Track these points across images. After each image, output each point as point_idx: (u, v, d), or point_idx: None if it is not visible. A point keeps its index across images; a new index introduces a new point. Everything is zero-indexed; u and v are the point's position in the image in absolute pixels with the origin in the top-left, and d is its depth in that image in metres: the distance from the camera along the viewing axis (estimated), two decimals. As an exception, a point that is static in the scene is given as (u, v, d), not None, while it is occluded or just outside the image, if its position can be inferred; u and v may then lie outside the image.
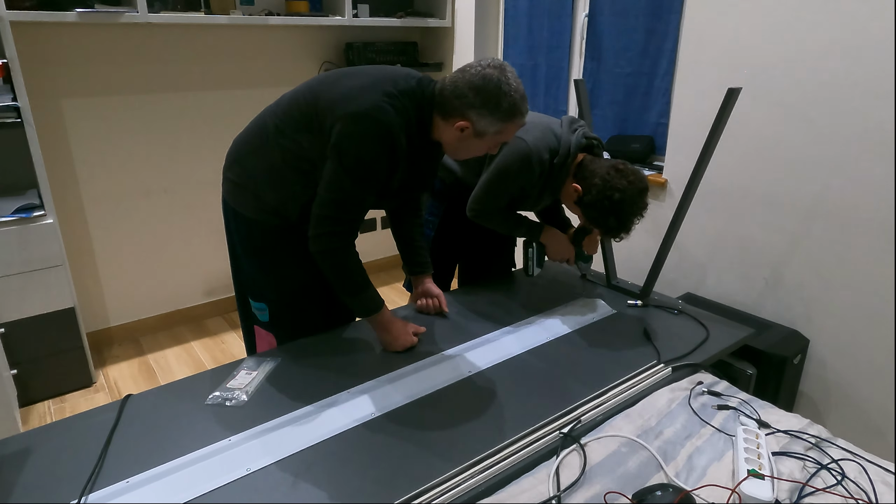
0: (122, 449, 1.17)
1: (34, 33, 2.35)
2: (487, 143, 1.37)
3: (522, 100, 1.32)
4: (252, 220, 1.51)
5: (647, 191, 1.58)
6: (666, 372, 1.46)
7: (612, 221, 1.57)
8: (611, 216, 1.56)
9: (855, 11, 1.75)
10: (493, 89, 1.28)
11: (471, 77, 1.30)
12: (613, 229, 1.58)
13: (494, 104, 1.29)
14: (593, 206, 1.58)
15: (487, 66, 1.30)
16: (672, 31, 2.28)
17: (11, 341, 2.28)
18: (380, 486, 1.08)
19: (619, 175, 1.56)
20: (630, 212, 1.55)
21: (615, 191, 1.54)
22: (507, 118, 1.31)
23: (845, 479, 1.11)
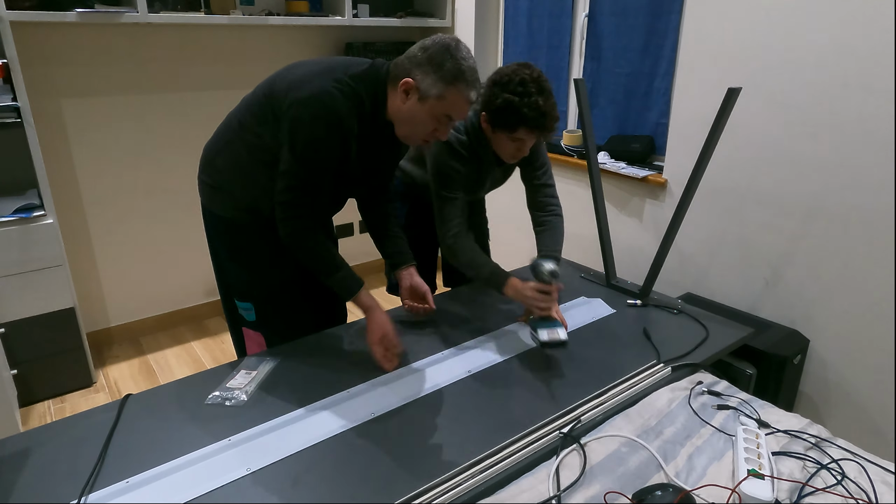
0: (122, 449, 1.17)
1: (34, 33, 2.35)
2: (430, 111, 1.31)
3: (470, 71, 1.29)
4: (230, 220, 1.51)
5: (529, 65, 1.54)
6: (666, 372, 1.46)
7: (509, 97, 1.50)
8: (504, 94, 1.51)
9: (855, 11, 1.75)
10: (439, 48, 1.28)
11: (423, 41, 1.31)
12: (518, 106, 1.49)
13: (438, 63, 1.27)
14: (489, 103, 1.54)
15: (443, 35, 1.32)
16: (672, 31, 2.28)
17: (11, 341, 2.28)
18: (380, 487, 1.08)
19: None
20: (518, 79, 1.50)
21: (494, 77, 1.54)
22: (449, 80, 1.27)
23: (845, 478, 1.11)
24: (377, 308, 1.47)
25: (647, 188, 2.48)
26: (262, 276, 1.56)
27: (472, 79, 1.31)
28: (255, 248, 1.54)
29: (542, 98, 1.50)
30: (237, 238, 1.54)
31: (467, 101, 1.32)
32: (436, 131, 1.36)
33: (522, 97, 1.49)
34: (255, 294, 1.58)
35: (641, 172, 2.44)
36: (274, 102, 1.33)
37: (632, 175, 2.46)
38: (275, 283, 1.57)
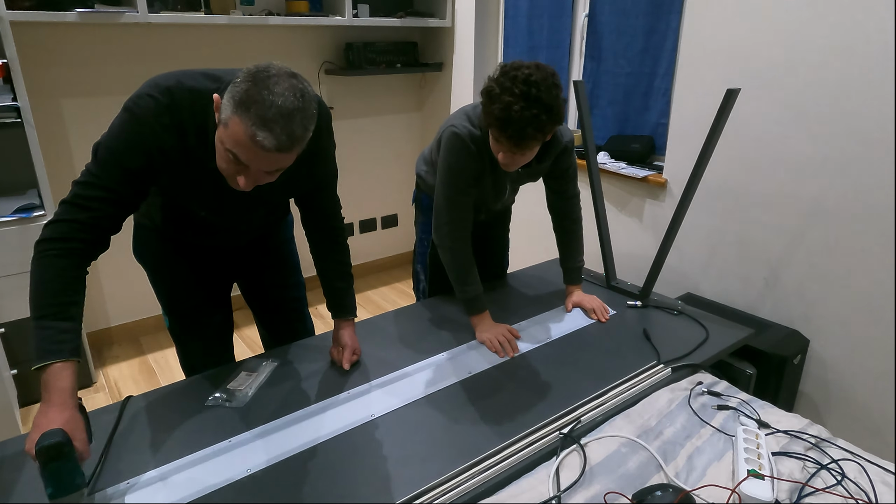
0: (123, 450, 1.17)
1: (34, 33, 2.35)
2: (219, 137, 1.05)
3: (272, 106, 0.98)
4: (138, 223, 1.46)
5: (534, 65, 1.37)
6: (666, 372, 1.46)
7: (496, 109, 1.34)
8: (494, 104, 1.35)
9: (855, 11, 1.75)
10: (252, 70, 1.03)
11: None
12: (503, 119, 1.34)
13: (238, 81, 1.01)
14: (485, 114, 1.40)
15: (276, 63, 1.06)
16: (672, 31, 2.28)
17: (11, 341, 2.28)
18: (380, 487, 1.08)
19: None
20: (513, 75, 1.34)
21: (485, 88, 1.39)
22: (237, 106, 0.99)
23: (845, 479, 1.11)
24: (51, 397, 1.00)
25: (647, 188, 2.48)
26: (161, 283, 1.50)
27: (269, 116, 0.99)
28: (155, 254, 1.47)
29: (522, 104, 1.31)
30: (140, 239, 1.47)
31: (251, 139, 0.99)
32: (237, 171, 1.07)
33: (502, 93, 1.33)
34: (162, 301, 1.52)
35: (641, 172, 2.44)
36: None
37: (632, 175, 2.46)
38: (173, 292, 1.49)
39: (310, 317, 1.74)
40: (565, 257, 1.86)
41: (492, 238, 2.02)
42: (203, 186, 1.23)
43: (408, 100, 3.58)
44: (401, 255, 3.89)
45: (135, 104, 1.11)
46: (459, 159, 1.54)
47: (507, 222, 2.08)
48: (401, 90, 3.53)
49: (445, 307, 1.82)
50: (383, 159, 3.60)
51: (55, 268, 1.07)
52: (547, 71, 1.37)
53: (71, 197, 1.12)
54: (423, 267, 1.97)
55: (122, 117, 1.12)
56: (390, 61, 3.23)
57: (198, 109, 1.12)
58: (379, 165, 3.59)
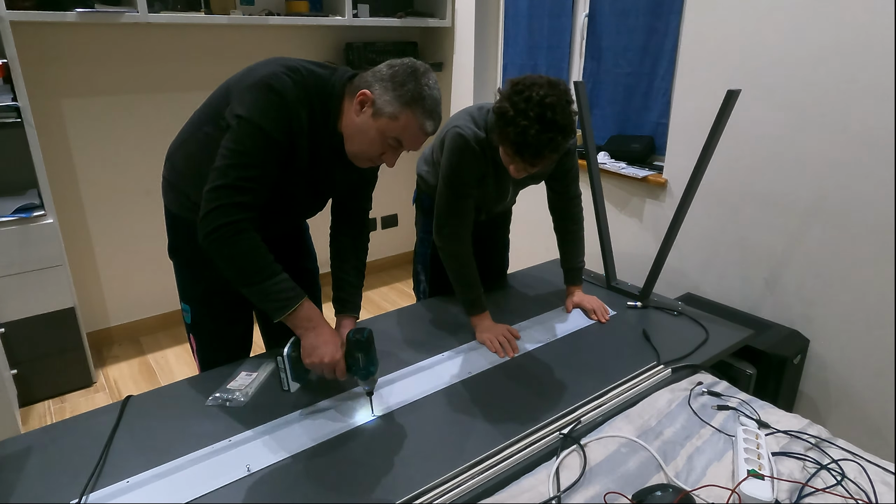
0: (123, 449, 1.17)
1: (34, 33, 2.35)
2: (381, 130, 1.22)
3: (431, 99, 1.21)
4: (178, 216, 1.45)
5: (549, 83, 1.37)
6: (666, 373, 1.46)
7: (511, 133, 1.35)
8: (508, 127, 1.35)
9: (855, 11, 1.75)
10: (406, 69, 1.21)
11: (392, 60, 1.25)
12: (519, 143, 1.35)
13: (400, 82, 1.20)
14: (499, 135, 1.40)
15: (416, 61, 1.25)
16: (672, 31, 2.28)
17: (11, 341, 2.28)
18: (380, 487, 1.08)
19: None
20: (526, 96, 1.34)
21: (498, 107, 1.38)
22: (406, 101, 1.19)
23: (845, 479, 1.11)
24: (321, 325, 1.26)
25: (647, 188, 2.48)
26: (196, 279, 1.49)
27: (431, 108, 1.22)
28: (195, 248, 1.41)
29: (537, 128, 1.32)
30: (181, 236, 1.47)
31: (421, 129, 1.22)
32: (384, 155, 1.27)
33: (517, 116, 1.33)
34: (190, 296, 1.51)
35: (641, 172, 2.44)
36: (226, 98, 1.27)
37: (632, 175, 2.46)
38: (209, 288, 1.48)
39: None
40: (566, 258, 1.86)
41: (492, 239, 2.02)
42: (308, 163, 1.30)
43: (408, 100, 3.57)
44: (401, 255, 3.88)
45: (275, 81, 1.19)
46: (463, 161, 1.55)
47: (508, 223, 2.08)
48: (401, 90, 3.52)
49: (446, 308, 1.82)
50: (383, 159, 3.59)
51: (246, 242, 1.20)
52: (560, 89, 1.37)
53: (232, 180, 1.18)
54: (424, 267, 1.96)
55: (264, 95, 1.18)
56: (390, 61, 3.23)
57: (320, 91, 1.25)
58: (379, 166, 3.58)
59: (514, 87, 1.38)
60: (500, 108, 1.38)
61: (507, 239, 2.11)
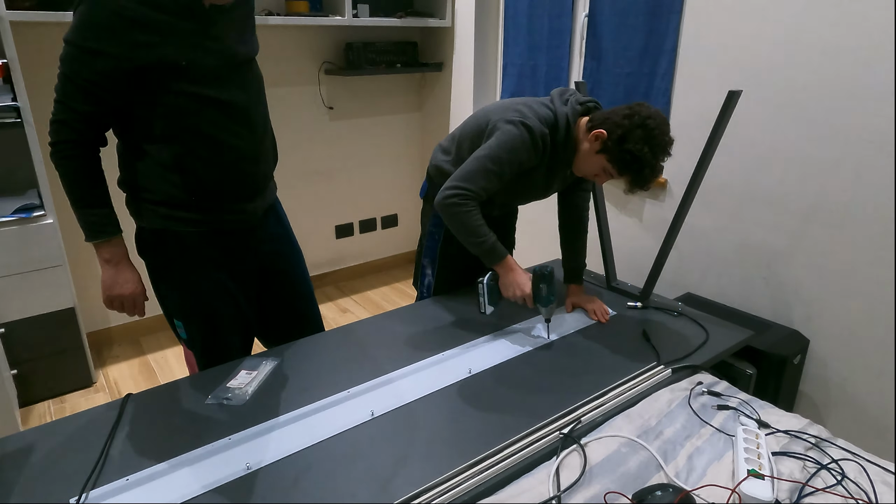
0: (122, 447, 1.17)
1: (34, 33, 2.35)
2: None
3: None
4: (153, 230, 1.40)
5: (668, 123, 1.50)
6: (666, 373, 1.46)
7: (646, 151, 1.43)
8: (645, 146, 1.43)
9: (855, 11, 1.75)
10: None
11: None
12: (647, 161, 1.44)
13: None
14: (625, 139, 1.44)
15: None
16: (672, 31, 2.28)
17: (11, 341, 2.28)
18: (380, 486, 1.08)
19: (641, 107, 1.47)
20: (663, 141, 1.45)
21: (647, 118, 1.43)
22: None
23: (845, 479, 1.11)
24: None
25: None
26: (185, 294, 1.46)
27: None
28: (177, 262, 1.43)
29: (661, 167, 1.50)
30: (161, 251, 1.43)
31: None
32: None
33: (654, 157, 1.44)
34: (179, 312, 1.49)
35: (641, 173, 2.44)
36: None
37: (632, 175, 2.45)
38: (196, 302, 1.47)
39: None
40: (568, 257, 1.86)
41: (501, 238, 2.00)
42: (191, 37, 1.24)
43: (408, 100, 3.58)
44: (401, 255, 3.89)
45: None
46: (519, 149, 1.54)
47: (514, 222, 2.09)
48: (401, 90, 3.53)
49: (446, 306, 1.82)
50: (383, 159, 3.60)
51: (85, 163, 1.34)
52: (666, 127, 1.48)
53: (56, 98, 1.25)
54: (432, 260, 1.93)
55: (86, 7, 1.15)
56: (390, 61, 3.23)
57: None
58: (379, 165, 3.59)
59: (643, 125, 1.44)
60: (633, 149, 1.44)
61: (512, 238, 2.11)
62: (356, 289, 3.56)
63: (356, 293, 3.49)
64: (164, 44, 1.20)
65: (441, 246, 1.88)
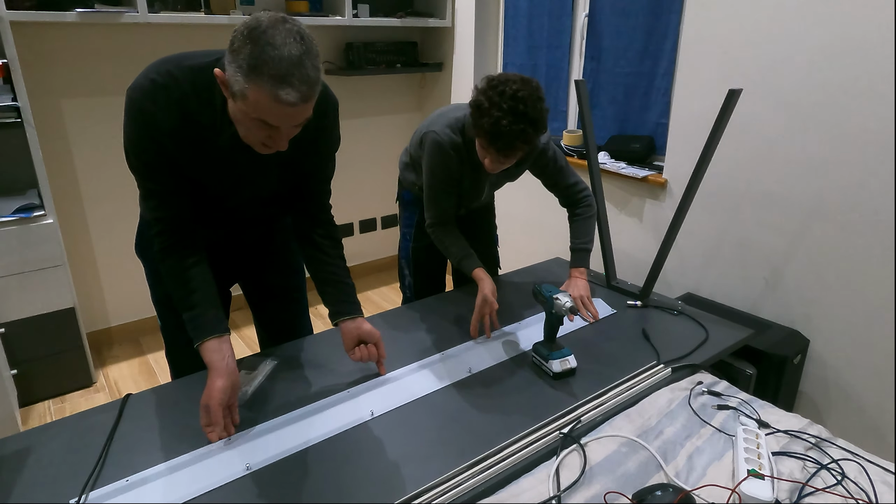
0: (122, 447, 1.17)
1: (34, 33, 2.35)
2: (243, 113, 1.05)
3: (281, 60, 0.96)
4: (143, 219, 1.42)
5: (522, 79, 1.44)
6: (666, 373, 1.46)
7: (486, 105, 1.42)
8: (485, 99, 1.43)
9: (855, 11, 1.75)
10: (242, 32, 0.98)
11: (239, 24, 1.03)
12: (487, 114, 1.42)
13: (236, 49, 0.98)
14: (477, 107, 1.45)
15: (266, 12, 1.02)
16: (672, 31, 2.28)
17: (11, 341, 2.28)
18: (379, 486, 1.08)
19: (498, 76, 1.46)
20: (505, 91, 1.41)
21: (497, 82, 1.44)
22: (249, 73, 0.97)
23: (845, 479, 1.11)
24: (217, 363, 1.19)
25: (648, 188, 2.47)
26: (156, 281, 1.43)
27: (282, 71, 0.97)
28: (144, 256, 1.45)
29: (510, 119, 1.40)
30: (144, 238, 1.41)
31: (276, 100, 0.99)
32: (269, 138, 1.09)
33: (490, 108, 1.41)
34: (154, 298, 1.47)
35: (641, 172, 2.44)
36: None
37: (632, 175, 2.46)
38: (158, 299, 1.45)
39: (309, 318, 1.73)
40: (571, 239, 1.86)
41: (481, 233, 2.04)
42: (215, 161, 1.22)
43: (408, 100, 3.58)
44: (401, 256, 3.88)
45: (133, 94, 1.13)
46: (440, 164, 1.65)
47: (490, 217, 2.12)
48: (401, 90, 3.53)
49: (445, 307, 1.81)
50: (383, 159, 3.60)
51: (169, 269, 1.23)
52: (532, 85, 1.45)
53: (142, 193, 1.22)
54: (407, 262, 2.01)
55: (127, 111, 1.14)
56: (390, 61, 3.23)
57: (198, 84, 1.12)
58: (379, 166, 3.59)
59: (489, 82, 1.46)
60: (476, 101, 1.47)
61: (493, 233, 2.14)
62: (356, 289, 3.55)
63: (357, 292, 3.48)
64: None
65: (413, 245, 1.96)
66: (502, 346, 1.58)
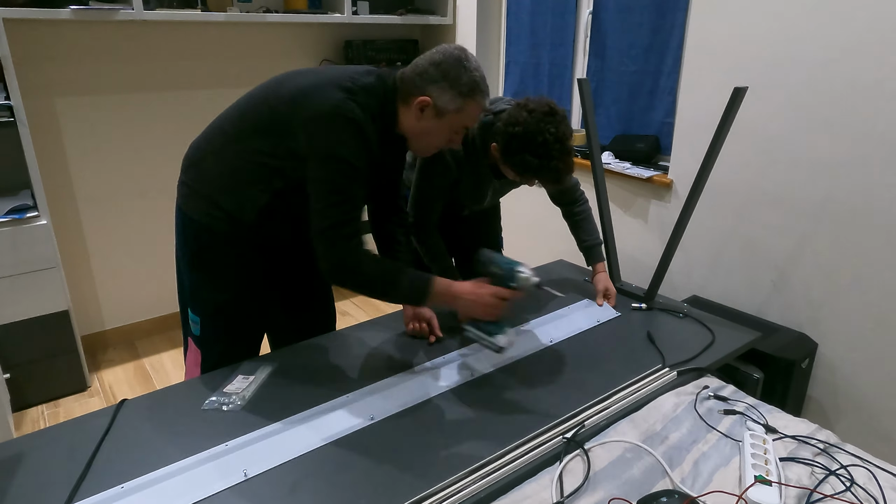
0: (118, 454, 1.15)
1: (27, 31, 2.34)
2: (448, 125, 1.34)
3: (483, 80, 1.32)
4: (203, 224, 1.43)
5: (554, 112, 1.47)
6: (671, 376, 1.44)
7: (529, 159, 1.46)
8: (524, 153, 1.46)
9: (864, 9, 1.73)
10: (453, 62, 1.29)
11: (431, 55, 1.31)
12: (536, 168, 1.47)
13: (454, 77, 1.29)
14: (507, 152, 1.50)
15: (448, 46, 1.32)
16: (678, 29, 2.26)
17: (4, 345, 2.26)
18: (379, 492, 1.07)
19: (518, 109, 1.49)
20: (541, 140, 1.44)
21: (515, 125, 1.47)
22: (467, 94, 1.30)
23: (854, 485, 1.10)
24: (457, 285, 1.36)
25: (653, 189, 2.46)
26: (216, 289, 1.48)
27: (486, 87, 1.34)
28: (218, 257, 1.46)
29: (563, 161, 1.47)
30: (205, 244, 1.45)
31: (482, 109, 1.36)
32: (450, 141, 1.40)
33: (543, 160, 1.45)
34: (204, 307, 1.49)
35: (646, 173, 2.42)
36: (276, 115, 1.29)
37: (636, 175, 2.44)
38: (226, 299, 1.48)
39: None
40: (579, 239, 1.87)
41: (484, 236, 2.02)
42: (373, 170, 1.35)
43: (407, 99, 3.56)
44: (400, 256, 3.87)
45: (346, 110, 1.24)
46: (433, 171, 1.66)
47: (496, 219, 2.10)
48: (400, 89, 3.51)
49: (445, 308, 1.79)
50: (382, 159, 3.58)
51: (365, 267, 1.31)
52: (561, 114, 1.49)
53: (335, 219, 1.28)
54: None
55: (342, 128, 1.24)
56: (390, 59, 3.21)
57: (378, 105, 1.31)
58: (378, 165, 3.57)
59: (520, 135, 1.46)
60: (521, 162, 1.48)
61: (498, 236, 2.12)
62: (355, 290, 3.53)
63: (356, 296, 3.47)
64: None
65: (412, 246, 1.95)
66: (504, 349, 1.56)
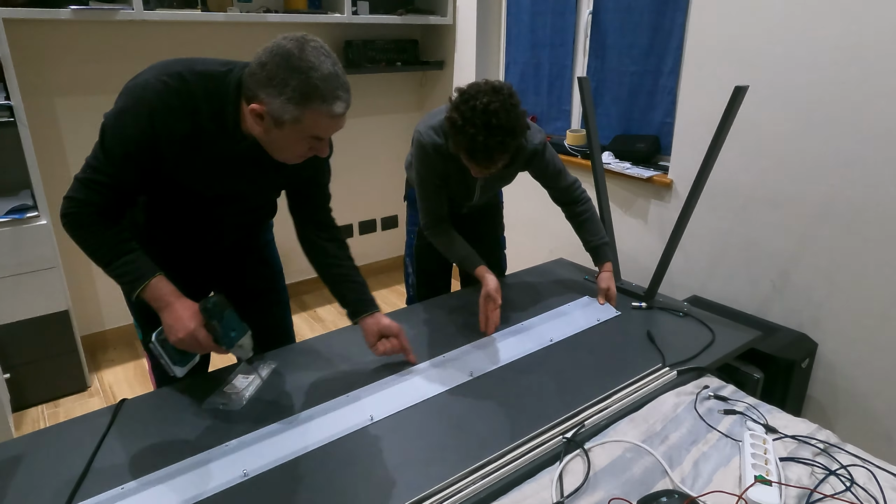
0: (118, 454, 1.15)
1: (27, 31, 2.33)
2: (294, 135, 1.12)
3: (325, 79, 1.06)
4: None
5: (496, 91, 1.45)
6: (671, 376, 1.44)
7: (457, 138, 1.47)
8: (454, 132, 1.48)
9: (864, 9, 1.73)
10: (280, 63, 1.05)
11: (262, 50, 1.08)
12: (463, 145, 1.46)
13: (281, 82, 1.05)
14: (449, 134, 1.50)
15: (283, 39, 1.08)
16: (678, 29, 2.26)
17: (4, 345, 2.26)
18: (379, 492, 1.07)
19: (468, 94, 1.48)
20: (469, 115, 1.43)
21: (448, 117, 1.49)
22: (300, 102, 1.06)
23: (854, 485, 1.10)
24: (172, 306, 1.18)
25: (653, 189, 2.45)
26: None
27: (329, 90, 1.07)
28: None
29: (485, 134, 1.42)
30: None
31: (331, 115, 1.10)
32: (311, 149, 1.18)
33: (465, 125, 1.43)
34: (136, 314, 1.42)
35: (646, 173, 2.42)
36: None
37: (636, 175, 2.44)
38: None
39: (292, 323, 1.69)
40: (584, 239, 1.86)
41: (483, 235, 2.01)
42: (217, 169, 1.24)
43: (408, 99, 3.56)
44: (401, 258, 3.86)
45: (143, 91, 1.12)
46: (424, 166, 1.68)
47: (496, 219, 2.09)
48: (401, 89, 3.51)
49: (446, 308, 1.80)
50: (383, 159, 3.58)
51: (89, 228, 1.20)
52: (503, 93, 1.45)
53: (85, 177, 1.17)
54: (411, 259, 2.04)
55: (128, 104, 1.14)
56: (390, 59, 3.21)
57: (210, 95, 1.15)
58: (379, 166, 3.57)
59: (461, 95, 1.48)
60: (450, 118, 1.49)
61: (499, 236, 2.11)
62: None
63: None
64: None
65: (417, 242, 1.99)
66: (504, 350, 1.56)
